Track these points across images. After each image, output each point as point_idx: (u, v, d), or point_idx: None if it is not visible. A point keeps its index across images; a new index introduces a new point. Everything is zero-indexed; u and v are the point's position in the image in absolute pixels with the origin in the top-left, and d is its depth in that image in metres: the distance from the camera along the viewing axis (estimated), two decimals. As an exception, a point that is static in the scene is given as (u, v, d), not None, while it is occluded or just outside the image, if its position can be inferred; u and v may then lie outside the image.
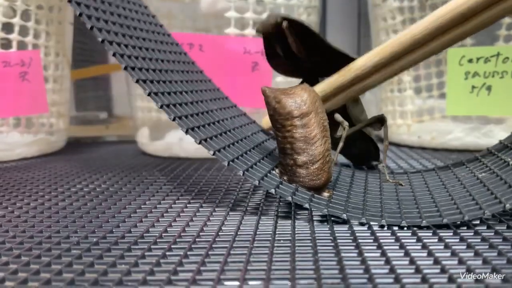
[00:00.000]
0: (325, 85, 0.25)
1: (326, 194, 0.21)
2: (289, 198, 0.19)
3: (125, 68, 0.21)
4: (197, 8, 0.38)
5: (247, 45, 0.33)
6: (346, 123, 0.24)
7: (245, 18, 0.34)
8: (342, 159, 0.30)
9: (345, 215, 0.19)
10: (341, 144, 0.24)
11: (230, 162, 0.20)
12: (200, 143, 0.20)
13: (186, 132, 0.20)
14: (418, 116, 0.41)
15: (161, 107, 0.21)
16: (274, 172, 0.21)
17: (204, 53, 0.33)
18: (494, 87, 0.33)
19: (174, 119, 0.21)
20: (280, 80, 0.36)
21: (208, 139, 0.21)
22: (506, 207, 0.18)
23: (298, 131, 0.20)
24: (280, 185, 0.20)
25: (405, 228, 0.18)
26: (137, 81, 0.21)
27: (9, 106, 0.35)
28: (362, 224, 0.19)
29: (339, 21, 0.59)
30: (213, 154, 0.20)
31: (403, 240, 0.17)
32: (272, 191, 0.19)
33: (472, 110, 0.34)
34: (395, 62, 0.24)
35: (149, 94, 0.21)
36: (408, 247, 0.16)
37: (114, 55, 0.21)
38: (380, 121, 0.25)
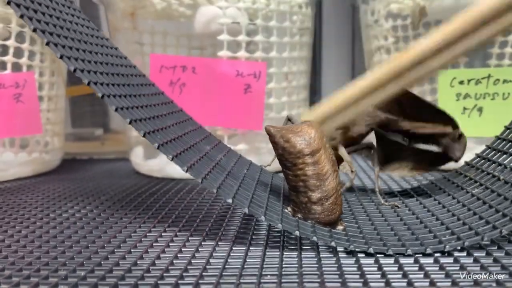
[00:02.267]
0: (375, 73, 0.23)
1: (340, 227, 0.21)
2: (314, 238, 0.19)
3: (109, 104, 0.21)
4: (192, 27, 0.39)
5: (240, 68, 0.33)
6: (354, 168, 0.24)
7: (238, 40, 0.34)
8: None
9: (371, 249, 0.18)
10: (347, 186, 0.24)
11: (250, 209, 0.19)
12: (218, 190, 0.19)
13: (187, 170, 0.20)
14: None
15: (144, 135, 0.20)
16: (286, 211, 0.21)
17: (197, 75, 0.34)
18: (485, 108, 0.33)
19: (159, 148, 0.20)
20: (274, 101, 0.36)
21: (221, 186, 0.20)
22: None
23: (310, 169, 0.20)
24: (300, 225, 0.20)
25: (392, 256, 0.18)
26: (116, 110, 0.21)
27: (3, 128, 0.35)
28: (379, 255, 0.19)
29: (333, 41, 0.59)
30: (232, 202, 0.19)
31: (385, 268, 0.17)
32: (296, 233, 0.19)
33: (464, 131, 0.34)
34: (460, 41, 0.22)
35: (130, 122, 0.21)
36: (389, 275, 0.16)
37: (88, 83, 0.21)
38: (369, 147, 0.25)
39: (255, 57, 0.35)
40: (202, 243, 0.21)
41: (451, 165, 0.26)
